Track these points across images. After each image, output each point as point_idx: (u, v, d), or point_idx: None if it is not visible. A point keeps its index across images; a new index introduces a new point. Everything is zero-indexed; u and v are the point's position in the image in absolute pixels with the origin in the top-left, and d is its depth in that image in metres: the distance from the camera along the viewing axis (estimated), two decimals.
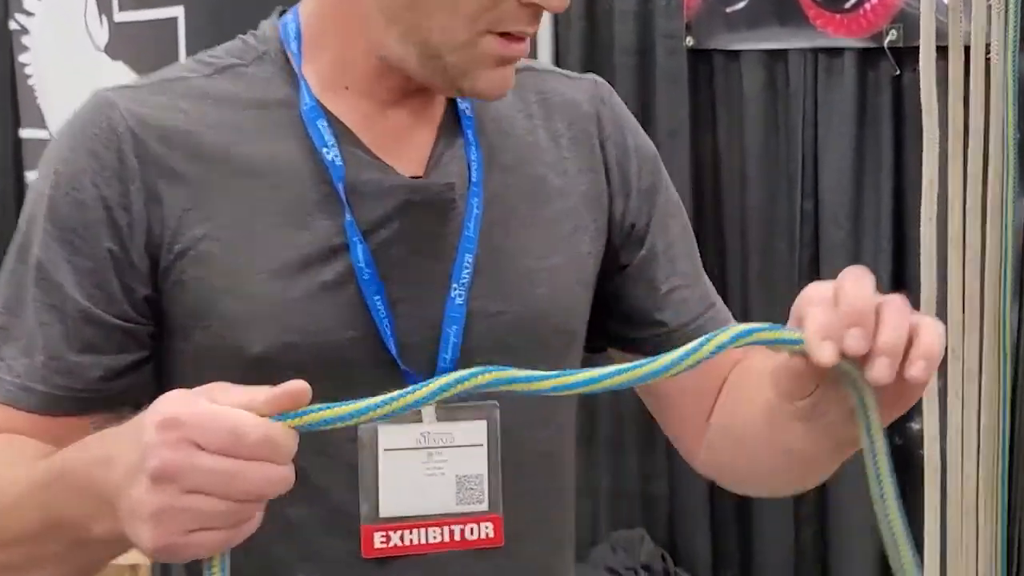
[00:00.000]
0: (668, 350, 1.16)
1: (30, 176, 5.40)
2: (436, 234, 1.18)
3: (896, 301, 1.02)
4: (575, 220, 1.28)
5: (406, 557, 1.16)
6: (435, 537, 1.16)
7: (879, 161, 3.67)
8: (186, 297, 1.13)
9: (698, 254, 1.41)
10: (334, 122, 1.17)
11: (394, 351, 1.14)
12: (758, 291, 3.85)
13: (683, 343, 1.18)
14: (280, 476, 0.92)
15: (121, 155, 1.12)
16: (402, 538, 1.15)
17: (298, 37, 1.20)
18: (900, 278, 3.44)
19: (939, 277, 2.68)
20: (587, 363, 1.12)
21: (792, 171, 3.78)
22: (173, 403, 0.92)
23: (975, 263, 2.60)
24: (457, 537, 1.16)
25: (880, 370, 0.97)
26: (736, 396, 1.31)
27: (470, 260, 1.18)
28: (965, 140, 2.60)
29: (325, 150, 1.15)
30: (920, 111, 2.72)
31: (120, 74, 5.04)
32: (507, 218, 1.23)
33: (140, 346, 1.16)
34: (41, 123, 5.34)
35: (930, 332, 1.00)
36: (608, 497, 4.05)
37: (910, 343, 0.99)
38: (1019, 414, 2.58)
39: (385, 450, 1.14)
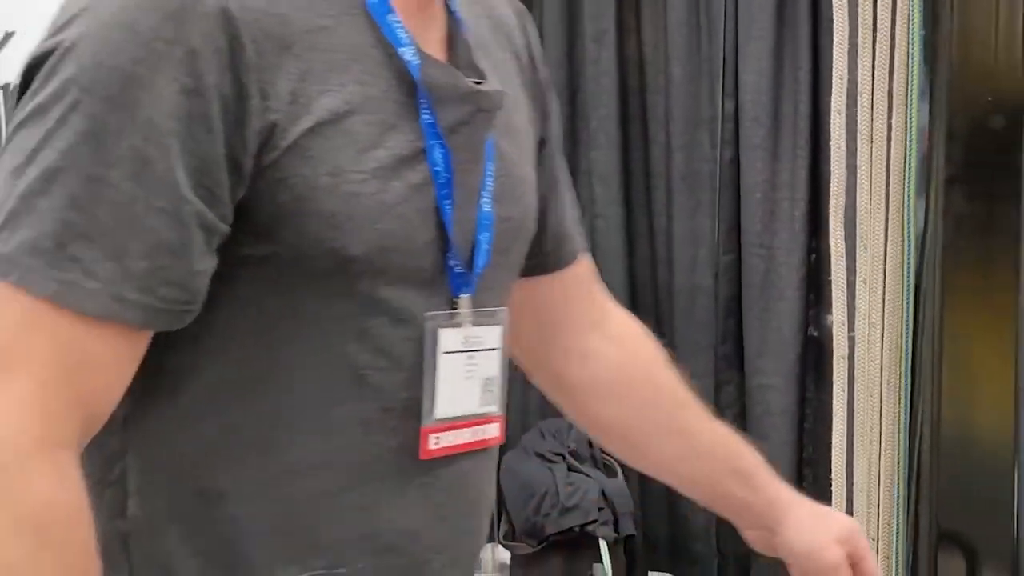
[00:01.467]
0: (531, 269, 1.31)
1: None
2: (481, 140, 1.13)
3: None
4: (529, 137, 1.26)
5: (443, 459, 1.12)
6: (464, 437, 1.13)
7: (797, 61, 3.70)
8: (284, 197, 0.99)
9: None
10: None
11: (454, 256, 1.10)
12: (681, 186, 3.89)
13: (547, 268, 1.34)
14: None
15: (236, 41, 0.96)
16: (443, 441, 1.11)
17: None
18: (816, 173, 3.49)
19: (848, 168, 2.73)
20: None
21: (714, 72, 3.80)
22: None
23: (882, 154, 2.65)
24: (477, 437, 1.15)
25: None
26: (659, 430, 1.43)
27: (492, 169, 1.14)
28: (874, 36, 2.64)
29: (403, 50, 1.05)
30: None
31: None
32: (501, 125, 1.16)
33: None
34: None
35: None
36: (538, 387, 4.04)
37: None
38: (922, 299, 2.64)
39: (444, 352, 1.10)
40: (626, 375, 1.43)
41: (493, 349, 1.16)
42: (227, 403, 1.04)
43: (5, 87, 5.34)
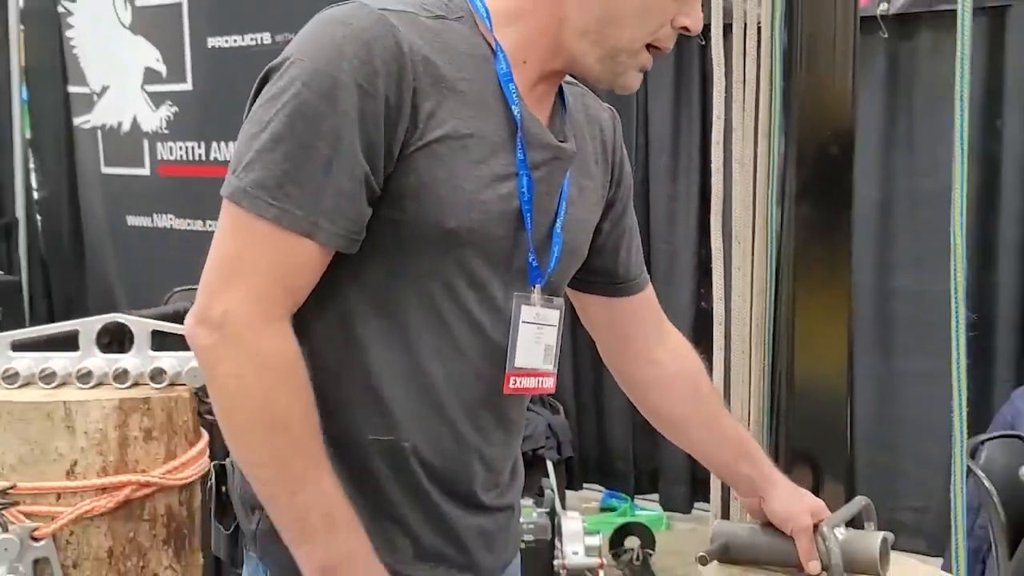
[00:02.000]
0: (608, 292, 1.41)
1: (77, 121, 5.30)
2: (558, 182, 1.22)
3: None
4: (596, 195, 1.33)
5: (510, 396, 1.22)
6: (531, 383, 1.22)
7: (690, 107, 3.72)
8: (413, 179, 1.10)
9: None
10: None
11: (532, 254, 1.19)
12: None
13: (618, 293, 1.42)
14: None
15: (403, 69, 1.08)
16: (519, 382, 1.20)
17: (487, 13, 1.18)
18: (704, 189, 3.52)
19: (726, 185, 2.74)
20: None
21: (629, 114, 3.80)
22: None
23: (750, 175, 2.66)
24: (538, 385, 1.23)
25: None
26: (700, 430, 1.50)
27: (564, 207, 1.23)
28: (744, 87, 2.65)
29: (513, 107, 1.15)
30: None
31: (141, 46, 4.95)
32: (576, 179, 1.26)
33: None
34: (84, 82, 5.21)
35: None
36: None
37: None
38: (781, 282, 2.65)
39: (522, 321, 1.20)
40: (677, 381, 1.49)
41: (553, 326, 1.23)
42: (357, 311, 1.15)
43: (103, 127, 5.32)
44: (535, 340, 1.22)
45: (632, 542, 3.58)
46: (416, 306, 1.15)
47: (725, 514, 3.10)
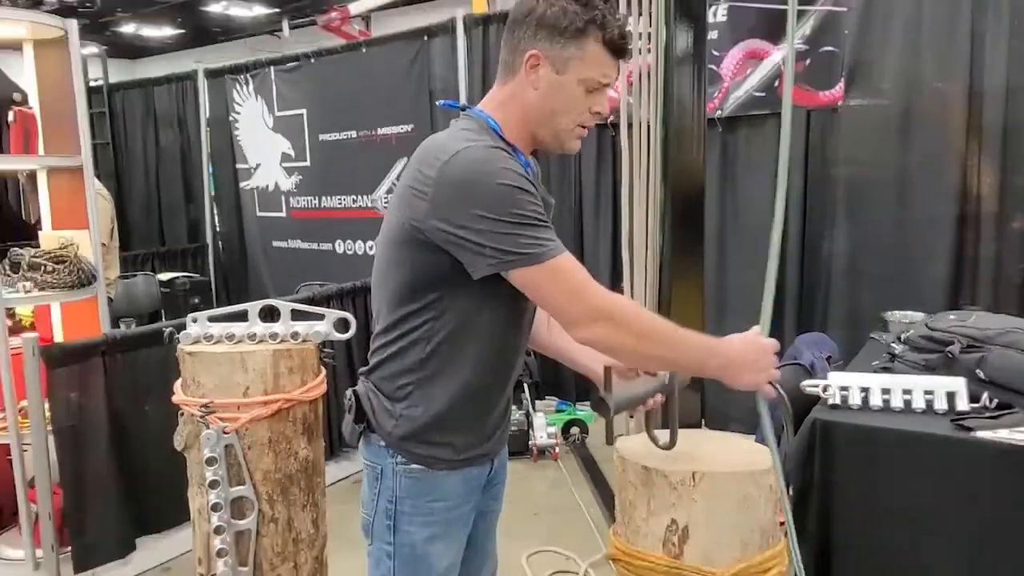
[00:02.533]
0: None
1: (242, 185, 5.23)
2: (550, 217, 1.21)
3: None
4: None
5: (524, 348, 1.25)
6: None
7: (608, 172, 3.72)
8: None
9: None
10: None
11: None
12: (558, 227, 3.79)
13: None
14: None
15: (529, 176, 1.09)
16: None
17: (497, 126, 1.16)
18: (616, 222, 3.50)
19: (630, 217, 2.74)
20: None
21: (571, 182, 3.80)
22: (767, 344, 1.16)
23: (645, 214, 2.66)
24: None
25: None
26: (568, 354, 1.37)
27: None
28: (639, 161, 2.66)
29: (538, 187, 1.15)
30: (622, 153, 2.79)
31: (279, 140, 4.91)
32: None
33: None
34: (245, 161, 5.15)
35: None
36: None
37: None
38: (663, 279, 2.65)
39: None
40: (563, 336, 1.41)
41: None
42: (485, 307, 1.14)
43: (257, 188, 5.28)
44: None
45: (575, 431, 3.59)
46: (507, 307, 1.15)
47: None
